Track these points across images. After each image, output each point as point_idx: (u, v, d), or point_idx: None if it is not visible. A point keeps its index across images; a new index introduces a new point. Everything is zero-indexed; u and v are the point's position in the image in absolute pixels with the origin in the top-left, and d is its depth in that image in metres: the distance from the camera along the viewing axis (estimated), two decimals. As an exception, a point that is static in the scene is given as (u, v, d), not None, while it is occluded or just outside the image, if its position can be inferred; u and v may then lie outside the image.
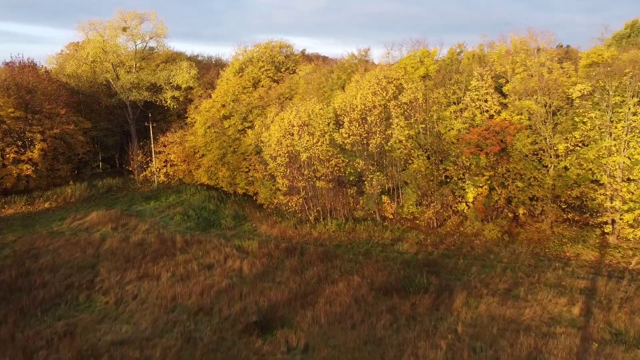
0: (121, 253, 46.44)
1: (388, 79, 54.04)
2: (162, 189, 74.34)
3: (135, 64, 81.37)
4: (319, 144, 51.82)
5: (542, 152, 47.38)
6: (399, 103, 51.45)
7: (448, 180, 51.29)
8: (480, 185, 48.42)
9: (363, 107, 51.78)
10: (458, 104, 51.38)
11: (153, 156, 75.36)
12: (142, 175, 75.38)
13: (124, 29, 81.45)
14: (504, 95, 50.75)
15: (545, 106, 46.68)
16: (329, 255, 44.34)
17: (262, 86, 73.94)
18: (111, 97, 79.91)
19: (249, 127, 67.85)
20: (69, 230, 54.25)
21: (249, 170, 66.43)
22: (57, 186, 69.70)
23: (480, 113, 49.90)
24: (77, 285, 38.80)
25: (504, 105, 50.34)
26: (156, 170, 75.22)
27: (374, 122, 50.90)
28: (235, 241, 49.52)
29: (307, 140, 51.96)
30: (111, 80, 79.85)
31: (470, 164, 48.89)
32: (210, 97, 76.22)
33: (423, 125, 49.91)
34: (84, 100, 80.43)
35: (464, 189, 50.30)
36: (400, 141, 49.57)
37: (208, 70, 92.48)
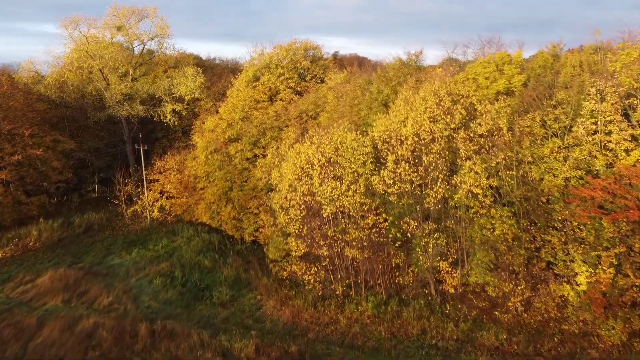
0: (54, 356, 31.39)
1: (453, 97, 36.86)
2: (154, 227, 59.31)
3: (131, 71, 66.71)
4: (350, 193, 35.13)
5: None
6: (472, 134, 34.19)
7: (544, 249, 33.56)
8: (602, 266, 30.73)
9: (416, 139, 34.78)
10: (563, 136, 33.64)
11: (145, 186, 60.42)
12: (131, 209, 60.52)
13: (119, 28, 67.09)
14: (632, 125, 32.89)
15: None
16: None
17: (281, 99, 57.86)
18: (100, 110, 65.47)
19: (260, 155, 51.92)
20: (4, 303, 39.54)
21: (259, 211, 50.48)
22: (24, 225, 55.76)
23: (601, 153, 32.10)
24: None
25: (636, 140, 32.44)
26: (148, 204, 60.24)
27: (433, 164, 33.80)
28: (223, 338, 33.42)
29: (333, 188, 35.38)
30: (104, 90, 65.49)
31: (586, 234, 31.18)
32: (218, 112, 60.78)
33: (511, 172, 32.37)
34: (69, 114, 66.36)
35: (570, 265, 32.66)
36: (476, 195, 32.26)
37: (220, 77, 77.25)
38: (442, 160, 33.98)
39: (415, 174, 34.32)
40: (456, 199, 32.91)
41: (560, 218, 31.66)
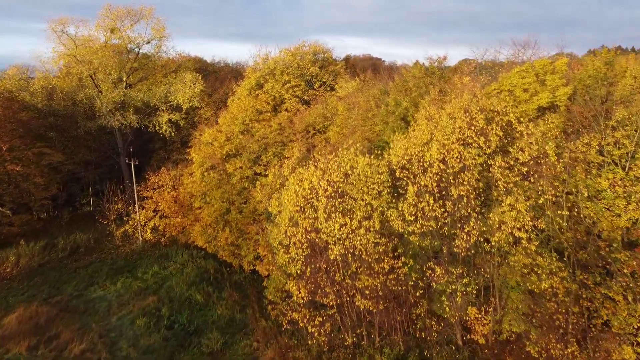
0: None
1: (486, 114, 30.59)
2: (146, 250, 53.90)
3: (125, 77, 61.36)
4: (362, 231, 29.06)
5: None
6: (512, 162, 27.93)
7: (604, 308, 27.13)
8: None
9: (443, 166, 28.61)
10: (626, 166, 27.24)
11: (136, 205, 54.95)
12: (121, 230, 55.11)
13: (113, 31, 61.82)
14: None
15: None
16: None
17: (286, 110, 51.98)
18: (91, 119, 60.21)
19: (262, 173, 46.11)
20: (-40, 352, 34.22)
21: (260, 238, 44.64)
22: (3, 247, 50.70)
23: (677, 187, 25.64)
24: None
25: None
26: (140, 224, 54.78)
27: (465, 199, 27.60)
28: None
29: (342, 225, 29.34)
30: (97, 98, 60.19)
31: (659, 291, 24.79)
32: (218, 122, 55.11)
33: (563, 212, 26.02)
34: (58, 124, 61.18)
35: (633, 323, 26.24)
36: (518, 240, 26.00)
37: (223, 82, 71.69)
38: (476, 194, 27.74)
39: (442, 209, 28.13)
40: (493, 243, 26.63)
41: (625, 271, 25.25)
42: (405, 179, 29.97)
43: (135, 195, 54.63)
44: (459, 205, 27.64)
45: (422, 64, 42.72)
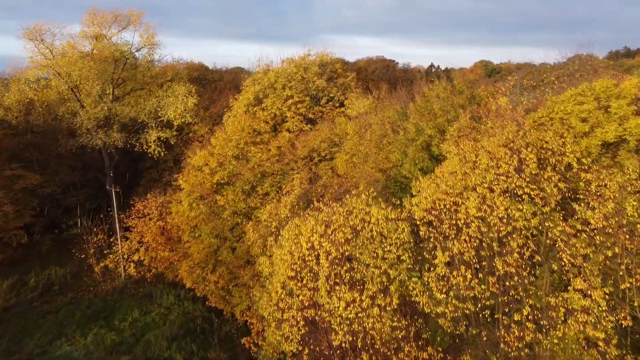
0: None
1: (538, 153, 23.43)
2: (129, 287, 47.55)
3: (108, 90, 55.00)
4: (375, 310, 22.07)
5: None
6: (579, 226, 20.72)
7: None
8: None
9: (485, 228, 21.50)
10: None
11: (119, 236, 48.46)
12: (102, 264, 48.71)
13: (97, 38, 55.51)
14: None
15: None
16: None
17: (288, 130, 45.16)
18: (73, 137, 53.95)
19: (257, 208, 39.36)
20: None
21: (254, 284, 37.88)
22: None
23: None
24: None
25: None
26: (123, 259, 48.35)
27: (516, 278, 20.44)
28: None
29: (349, 302, 22.40)
30: (74, 115, 53.90)
31: None
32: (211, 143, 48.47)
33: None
34: (37, 142, 54.98)
35: None
36: (594, 342, 18.80)
37: (222, 93, 65.10)
38: (530, 269, 20.60)
39: (483, 287, 21.04)
40: (556, 341, 19.46)
41: None
42: (433, 240, 22.91)
43: (117, 227, 48.15)
44: (509, 284, 20.49)
45: (445, 83, 35.48)
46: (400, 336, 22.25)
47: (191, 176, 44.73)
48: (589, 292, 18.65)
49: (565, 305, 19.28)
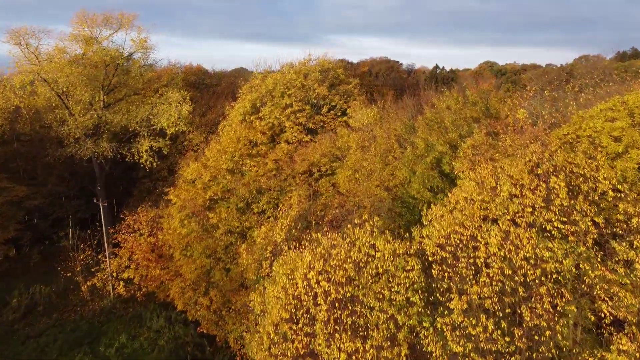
0: None
1: (567, 178, 20.37)
2: (118, 308, 44.78)
3: (97, 97, 52.22)
4: (382, 362, 19.07)
5: None
6: (620, 267, 17.68)
7: None
8: None
9: (509, 270, 18.45)
10: None
11: (107, 253, 45.64)
12: (89, 282, 45.93)
13: (87, 42, 52.75)
14: None
15: None
16: None
17: (287, 141, 42.25)
18: (60, 147, 51.20)
19: (252, 227, 36.46)
20: None
21: (249, 310, 34.96)
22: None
23: None
24: None
25: None
26: (112, 276, 45.54)
27: (548, 332, 17.39)
28: None
29: (351, 352, 19.42)
30: (67, 121, 51.11)
31: None
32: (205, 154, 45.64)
33: None
34: (24, 151, 52.29)
35: None
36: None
37: (219, 99, 62.29)
38: (564, 321, 17.57)
39: (507, 339, 18.02)
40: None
41: None
42: (447, 280, 19.91)
43: (106, 243, 45.33)
44: (537, 338, 17.48)
45: (456, 95, 32.39)
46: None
47: (183, 190, 41.90)
48: (637, 355, 15.62)
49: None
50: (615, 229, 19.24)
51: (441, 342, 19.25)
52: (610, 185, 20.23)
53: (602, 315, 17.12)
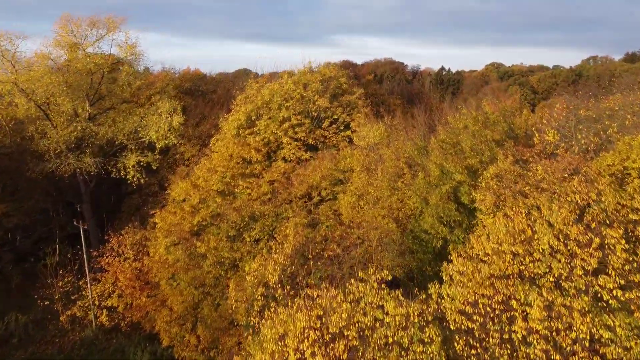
0: None
1: (621, 224, 16.31)
2: (100, 340, 40.88)
3: (80, 109, 48.51)
4: None
5: None
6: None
7: None
8: None
9: (555, 356, 14.41)
10: None
11: (88, 280, 41.89)
12: (69, 311, 42.19)
13: (72, 47, 49.06)
14: None
15: None
16: None
17: (284, 158, 38.36)
18: (42, 161, 47.48)
19: (246, 255, 32.57)
20: None
21: (242, 349, 31.10)
22: None
23: None
24: None
25: None
26: (93, 305, 41.77)
27: None
28: None
29: None
30: (50, 134, 47.40)
31: None
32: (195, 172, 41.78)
33: None
34: (4, 165, 48.57)
35: None
36: None
37: (214, 107, 58.53)
38: None
39: None
40: None
41: None
42: (474, 359, 15.91)
43: (87, 269, 41.54)
44: None
45: (474, 114, 28.31)
46: None
47: (169, 213, 38.11)
48: None
49: None
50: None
51: None
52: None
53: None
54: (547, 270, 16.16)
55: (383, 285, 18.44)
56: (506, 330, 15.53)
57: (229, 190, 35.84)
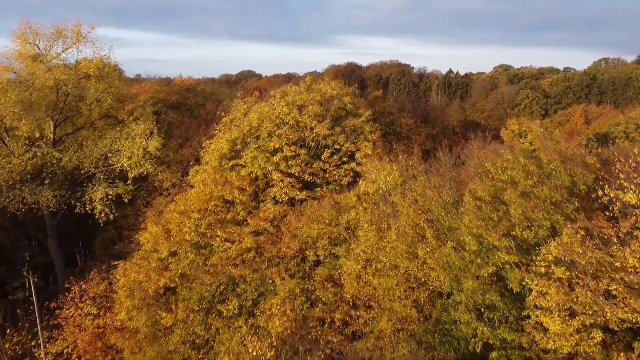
0: None
1: None
2: (56, 414, 34.09)
3: (46, 131, 41.80)
4: None
5: None
6: None
7: None
8: None
9: None
10: None
11: (42, 341, 35.00)
12: (19, 379, 35.35)
13: (35, 59, 42.38)
14: None
15: None
16: None
17: (274, 199, 31.38)
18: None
19: (217, 340, 25.58)
20: None
21: None
22: None
23: None
24: None
25: None
26: (48, 370, 34.90)
27: None
28: None
29: None
30: (0, 162, 40.65)
31: None
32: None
33: None
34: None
35: None
36: None
37: (200, 126, 51.67)
38: None
39: None
40: None
41: None
42: None
43: (40, 329, 34.69)
44: None
45: (519, 157, 21.08)
46: None
47: (134, 265, 31.18)
48: None
49: None
50: None
51: None
52: None
53: None
54: None
55: None
56: None
57: (205, 242, 28.89)
